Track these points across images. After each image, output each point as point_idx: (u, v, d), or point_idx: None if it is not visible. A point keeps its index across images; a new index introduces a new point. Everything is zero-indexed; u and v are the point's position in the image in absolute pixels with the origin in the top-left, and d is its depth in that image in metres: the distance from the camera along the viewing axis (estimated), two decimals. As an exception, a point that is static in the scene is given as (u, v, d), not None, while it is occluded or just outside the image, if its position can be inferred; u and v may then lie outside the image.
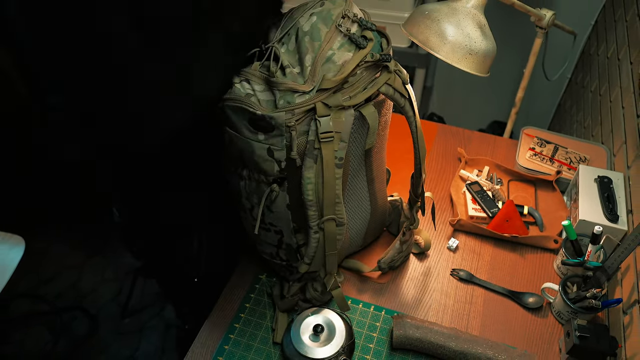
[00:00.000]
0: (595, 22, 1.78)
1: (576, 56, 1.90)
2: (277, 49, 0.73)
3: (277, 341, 0.91)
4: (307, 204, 0.75)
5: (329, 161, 0.72)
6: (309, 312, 0.89)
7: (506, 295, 0.99)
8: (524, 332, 0.94)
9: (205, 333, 0.94)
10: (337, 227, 0.79)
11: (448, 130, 1.38)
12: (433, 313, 0.97)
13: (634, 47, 1.24)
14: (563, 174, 1.18)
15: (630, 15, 1.35)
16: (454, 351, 0.86)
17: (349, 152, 0.80)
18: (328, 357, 0.83)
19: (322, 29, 0.72)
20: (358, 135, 0.79)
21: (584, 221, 1.01)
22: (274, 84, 0.71)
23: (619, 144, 1.18)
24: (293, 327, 0.88)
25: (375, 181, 0.92)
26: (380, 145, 0.88)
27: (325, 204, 0.75)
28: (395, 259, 0.98)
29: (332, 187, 0.74)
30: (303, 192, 0.74)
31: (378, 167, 0.90)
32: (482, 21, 1.08)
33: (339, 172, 0.74)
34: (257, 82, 0.73)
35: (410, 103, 0.80)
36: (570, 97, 1.90)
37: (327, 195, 0.74)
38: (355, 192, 0.89)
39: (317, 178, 0.73)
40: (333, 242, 0.80)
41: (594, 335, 0.83)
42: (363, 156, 0.85)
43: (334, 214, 0.77)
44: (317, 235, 0.79)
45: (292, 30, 0.74)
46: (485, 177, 1.21)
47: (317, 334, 0.86)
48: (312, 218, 0.77)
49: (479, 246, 1.09)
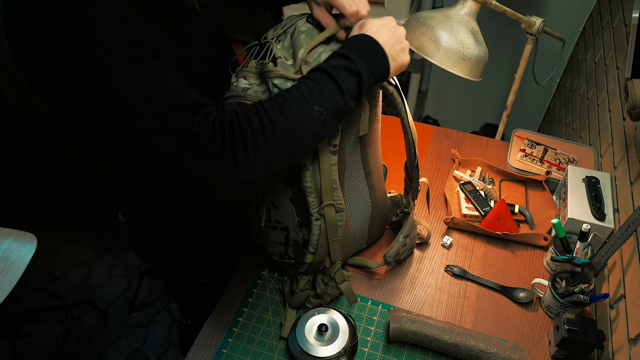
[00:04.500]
0: (583, 28, 1.78)
1: (565, 61, 1.90)
2: (273, 44, 0.74)
3: (283, 336, 0.91)
4: (306, 191, 0.76)
5: (323, 147, 0.73)
6: (316, 312, 0.89)
7: (498, 290, 0.99)
8: (515, 325, 0.94)
9: (210, 327, 0.94)
10: (337, 214, 0.80)
11: (442, 132, 1.38)
12: (428, 307, 0.97)
13: (620, 52, 1.24)
14: (552, 174, 1.18)
15: (616, 22, 1.35)
16: (448, 344, 0.86)
17: (343, 140, 0.80)
18: (329, 356, 0.83)
19: (317, 32, 0.74)
20: (350, 122, 0.79)
21: (573, 219, 1.01)
22: (266, 73, 0.71)
23: (606, 146, 1.18)
24: (299, 324, 0.87)
25: (373, 175, 0.92)
26: (374, 138, 0.88)
27: (324, 189, 0.76)
28: (400, 252, 0.98)
29: (329, 173, 0.75)
30: (301, 180, 0.75)
31: (374, 160, 0.90)
32: (475, 28, 1.08)
33: (334, 159, 0.75)
34: (253, 77, 0.74)
35: (398, 90, 0.81)
36: (559, 100, 1.90)
37: (324, 181, 0.75)
38: (355, 186, 0.90)
39: (313, 165, 0.74)
40: (334, 228, 0.81)
41: (582, 328, 0.83)
42: (358, 145, 0.84)
43: (332, 200, 0.78)
44: (318, 222, 0.79)
45: (290, 30, 0.75)
46: (478, 177, 1.21)
47: (322, 333, 0.85)
48: (312, 205, 0.77)
49: (472, 243, 1.09)
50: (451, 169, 1.25)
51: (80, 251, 2.18)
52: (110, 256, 2.17)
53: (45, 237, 1.92)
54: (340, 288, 0.91)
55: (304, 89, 0.64)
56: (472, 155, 1.30)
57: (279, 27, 0.77)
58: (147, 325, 1.92)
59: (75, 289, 2.05)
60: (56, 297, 2.01)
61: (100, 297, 2.02)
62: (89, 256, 2.17)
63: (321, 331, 0.85)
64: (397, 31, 0.72)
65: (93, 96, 0.57)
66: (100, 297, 2.02)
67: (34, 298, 2.02)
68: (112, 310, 1.98)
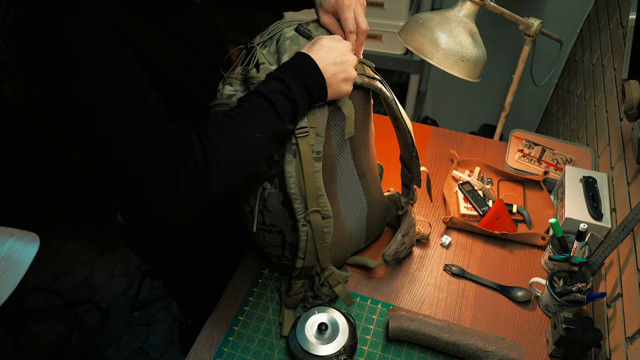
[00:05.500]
0: (580, 30, 1.78)
1: (562, 63, 1.90)
2: (258, 50, 0.75)
3: (284, 334, 0.91)
4: (291, 197, 0.76)
5: (306, 155, 0.72)
6: (316, 310, 0.89)
7: (496, 289, 0.99)
8: (513, 324, 0.94)
9: (211, 326, 0.94)
10: (324, 220, 0.79)
11: (441, 132, 1.38)
12: (427, 306, 0.97)
13: (617, 54, 1.24)
14: (550, 175, 1.18)
15: (613, 23, 1.35)
16: (447, 342, 0.86)
17: (330, 144, 0.80)
18: (329, 355, 0.83)
19: (302, 39, 0.74)
20: (338, 126, 0.79)
21: (570, 219, 1.01)
22: (249, 79, 0.72)
23: (603, 146, 1.18)
24: (299, 323, 0.87)
25: (367, 175, 0.91)
26: (366, 137, 0.87)
27: (308, 196, 0.75)
28: (399, 250, 0.98)
29: (313, 179, 0.74)
30: (286, 186, 0.75)
31: (367, 160, 0.90)
32: (474, 29, 1.08)
33: (318, 166, 0.74)
34: (238, 84, 0.74)
35: (385, 85, 0.81)
36: (556, 101, 1.90)
37: (308, 188, 0.75)
38: (348, 188, 0.89)
39: (297, 172, 0.74)
40: (321, 234, 0.80)
41: (580, 327, 0.83)
42: (348, 147, 0.84)
43: (318, 206, 0.77)
44: (305, 228, 0.79)
45: (276, 36, 0.76)
46: (477, 178, 1.21)
47: (322, 332, 0.85)
48: (298, 211, 0.77)
49: (471, 243, 1.09)
50: (450, 169, 1.25)
51: (82, 250, 2.18)
52: (112, 255, 2.17)
53: (47, 236, 1.93)
54: (336, 291, 0.91)
55: (245, 115, 0.66)
56: (471, 156, 1.30)
57: (265, 33, 0.78)
58: (148, 323, 1.92)
59: (78, 288, 2.05)
60: (58, 296, 2.01)
61: (102, 296, 2.02)
62: (91, 255, 2.17)
63: (321, 330, 0.85)
64: (345, 58, 0.71)
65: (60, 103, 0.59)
66: (102, 296, 2.02)
67: (37, 297, 2.02)
68: (114, 309, 1.98)
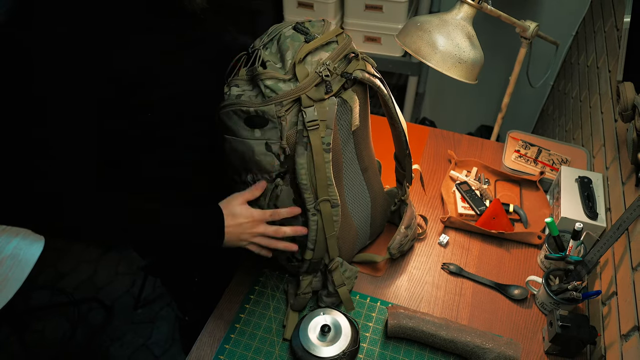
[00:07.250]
0: (576, 33, 1.78)
1: (558, 65, 1.90)
2: (261, 51, 0.75)
3: (286, 338, 0.90)
4: (302, 188, 0.77)
5: (317, 146, 0.74)
6: (321, 312, 0.89)
7: (493, 287, 0.99)
8: (509, 321, 0.94)
9: (213, 323, 0.94)
10: (333, 209, 0.81)
11: (439, 133, 1.38)
12: (425, 304, 0.97)
13: (612, 56, 1.24)
14: (546, 175, 1.18)
15: (608, 26, 1.35)
16: (445, 339, 0.86)
17: (338, 137, 0.81)
18: (330, 357, 0.83)
19: (301, 35, 0.75)
20: (343, 120, 0.80)
21: (566, 218, 1.01)
22: (257, 76, 0.72)
23: (598, 147, 1.18)
24: (303, 322, 0.87)
25: (369, 170, 0.93)
26: (366, 133, 0.89)
27: (319, 185, 0.77)
28: (403, 243, 0.98)
29: (323, 170, 0.76)
30: (297, 177, 0.76)
31: (368, 155, 0.91)
32: (471, 32, 1.08)
33: (328, 157, 0.76)
34: (245, 84, 0.75)
35: (384, 84, 0.82)
36: (552, 102, 1.90)
37: (319, 178, 0.76)
38: (353, 183, 0.90)
39: (308, 163, 0.75)
40: (330, 223, 0.82)
41: (575, 324, 0.83)
42: (352, 140, 0.85)
43: (327, 196, 0.79)
44: (315, 217, 0.80)
45: (275, 37, 0.76)
46: (474, 178, 1.21)
47: (324, 334, 0.85)
48: (308, 201, 0.78)
49: (468, 242, 1.09)
50: (447, 169, 1.25)
51: (86, 249, 2.19)
52: (116, 254, 2.17)
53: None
54: (339, 292, 0.91)
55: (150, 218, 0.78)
56: (468, 156, 1.30)
57: (264, 36, 0.78)
58: (151, 321, 1.93)
59: (82, 286, 2.05)
60: (63, 294, 2.01)
61: (106, 294, 2.02)
62: (95, 254, 2.17)
63: (324, 332, 0.85)
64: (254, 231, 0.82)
65: None
66: (106, 294, 2.02)
67: (42, 295, 2.02)
68: (118, 306, 1.98)
